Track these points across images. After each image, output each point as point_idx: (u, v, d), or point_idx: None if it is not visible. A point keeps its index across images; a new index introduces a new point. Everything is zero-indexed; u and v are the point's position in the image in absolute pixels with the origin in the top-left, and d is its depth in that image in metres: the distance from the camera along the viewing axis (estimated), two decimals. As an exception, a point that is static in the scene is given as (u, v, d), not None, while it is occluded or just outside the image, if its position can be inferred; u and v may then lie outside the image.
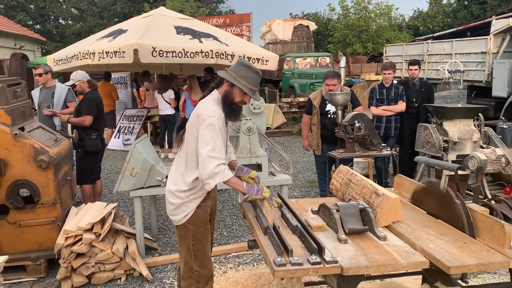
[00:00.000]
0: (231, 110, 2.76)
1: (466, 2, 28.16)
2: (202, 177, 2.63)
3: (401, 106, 6.20)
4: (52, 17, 36.08)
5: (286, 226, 2.63)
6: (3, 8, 31.71)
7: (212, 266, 2.93)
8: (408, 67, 6.67)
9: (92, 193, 5.41)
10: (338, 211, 2.61)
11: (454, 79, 8.85)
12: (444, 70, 9.04)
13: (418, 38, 17.72)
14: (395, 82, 6.52)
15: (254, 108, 4.88)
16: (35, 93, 5.99)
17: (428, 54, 11.01)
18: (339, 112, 5.13)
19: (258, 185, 2.79)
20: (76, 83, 5.36)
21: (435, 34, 16.36)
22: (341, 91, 5.22)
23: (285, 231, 2.55)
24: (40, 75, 5.76)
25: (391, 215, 2.67)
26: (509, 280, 3.05)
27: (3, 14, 28.70)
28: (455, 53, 10.10)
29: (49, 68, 5.95)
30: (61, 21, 36.30)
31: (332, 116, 5.36)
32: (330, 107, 5.35)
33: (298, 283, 3.04)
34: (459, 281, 2.71)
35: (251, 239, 2.68)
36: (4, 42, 18.46)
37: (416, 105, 6.53)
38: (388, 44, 13.83)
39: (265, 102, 15.16)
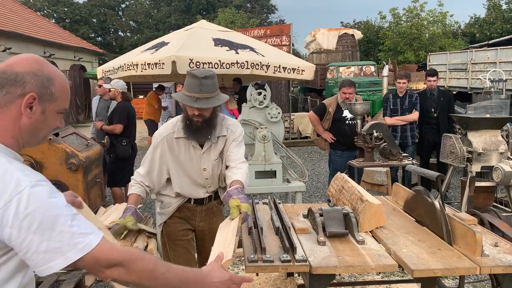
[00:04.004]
0: (186, 126, 2.66)
1: (528, 7, 26.93)
2: None
3: (413, 115, 6.14)
4: (112, 30, 38.17)
5: (272, 227, 2.80)
6: (68, 23, 33.99)
7: None
8: (426, 78, 6.59)
9: (123, 195, 5.80)
10: (321, 215, 2.75)
11: (496, 89, 8.60)
12: (485, 79, 8.79)
13: (472, 45, 17.16)
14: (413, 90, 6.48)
15: (272, 117, 5.06)
16: (95, 101, 6.54)
17: (472, 63, 10.71)
18: (359, 121, 5.23)
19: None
20: (111, 89, 5.78)
21: (490, 42, 15.75)
22: (356, 100, 5.32)
23: (269, 232, 2.72)
24: (100, 86, 6.25)
25: (374, 220, 2.76)
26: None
27: (68, 27, 30.80)
28: (499, 62, 9.78)
29: (109, 87, 6.02)
30: (120, 33, 38.30)
31: (351, 122, 5.45)
32: (346, 113, 5.44)
33: (291, 283, 3.19)
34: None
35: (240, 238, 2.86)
36: (65, 54, 19.86)
37: (435, 115, 6.42)
38: (431, 53, 13.54)
39: (308, 111, 15.28)
